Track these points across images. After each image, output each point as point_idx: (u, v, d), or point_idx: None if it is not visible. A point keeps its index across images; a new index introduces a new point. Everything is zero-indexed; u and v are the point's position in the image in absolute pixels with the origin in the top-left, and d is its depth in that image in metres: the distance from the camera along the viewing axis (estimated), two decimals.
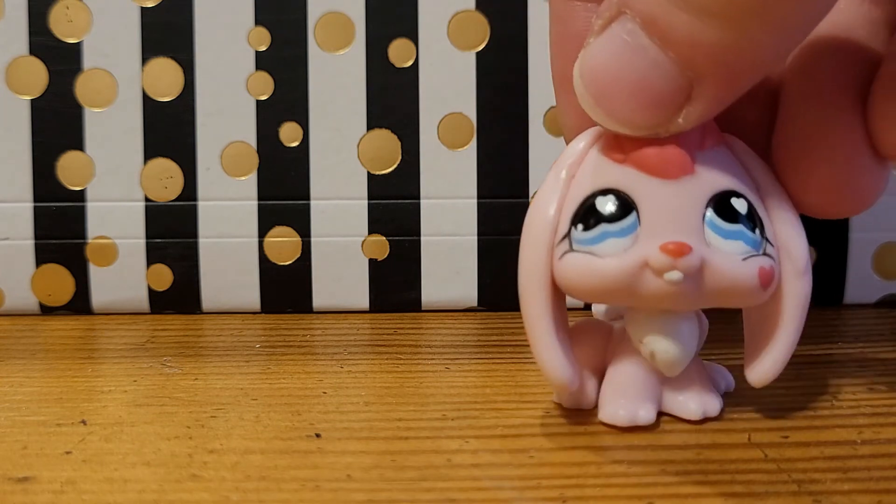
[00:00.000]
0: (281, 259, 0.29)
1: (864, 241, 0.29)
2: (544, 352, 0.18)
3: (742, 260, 0.18)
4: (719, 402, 0.20)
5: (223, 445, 0.19)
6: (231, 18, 0.28)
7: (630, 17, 0.17)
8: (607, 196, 0.18)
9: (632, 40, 0.17)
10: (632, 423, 0.19)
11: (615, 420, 0.19)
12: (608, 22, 0.17)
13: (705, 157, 0.18)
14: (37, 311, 0.29)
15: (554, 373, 0.19)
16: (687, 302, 0.18)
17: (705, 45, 0.16)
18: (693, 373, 0.20)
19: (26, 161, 0.28)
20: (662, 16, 0.16)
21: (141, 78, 0.28)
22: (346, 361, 0.24)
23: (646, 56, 0.17)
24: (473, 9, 0.28)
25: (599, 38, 0.18)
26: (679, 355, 0.19)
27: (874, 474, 0.17)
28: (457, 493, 0.16)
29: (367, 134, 0.29)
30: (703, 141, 0.18)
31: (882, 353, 0.25)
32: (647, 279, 0.18)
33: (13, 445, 0.19)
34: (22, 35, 0.28)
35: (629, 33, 0.17)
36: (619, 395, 0.20)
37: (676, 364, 0.19)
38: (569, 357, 0.19)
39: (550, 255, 0.19)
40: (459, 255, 0.29)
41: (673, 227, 0.18)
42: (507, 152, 0.29)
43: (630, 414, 0.19)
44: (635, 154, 0.18)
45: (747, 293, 0.18)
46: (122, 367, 0.24)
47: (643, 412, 0.19)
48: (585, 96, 0.18)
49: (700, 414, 0.19)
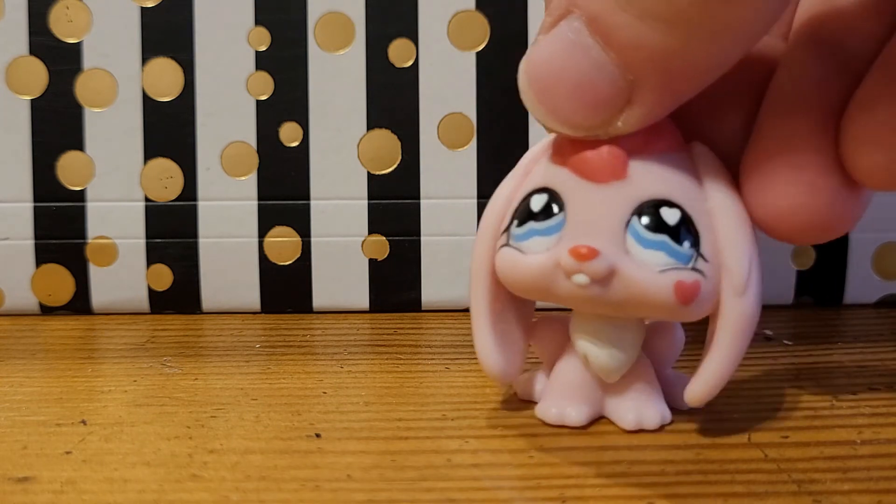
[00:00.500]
0: (281, 259, 0.29)
1: (864, 241, 0.29)
2: (479, 343, 0.19)
3: (659, 272, 0.17)
4: (661, 415, 0.19)
5: (223, 445, 0.19)
6: (231, 18, 0.28)
7: (577, 16, 0.17)
8: (541, 195, 0.18)
9: (576, 39, 0.17)
10: (560, 421, 0.19)
11: (545, 417, 0.20)
12: (557, 20, 0.17)
13: (647, 162, 0.18)
14: (37, 311, 0.29)
15: (485, 363, 0.19)
16: (597, 307, 0.18)
17: (646, 48, 0.16)
18: (638, 381, 0.19)
19: (26, 161, 0.28)
20: (606, 16, 0.16)
21: (141, 78, 0.28)
22: (346, 361, 0.24)
23: (588, 55, 0.17)
24: (473, 9, 0.28)
25: (547, 36, 0.17)
26: (611, 362, 0.19)
27: (874, 474, 0.17)
28: (457, 493, 0.16)
29: (367, 134, 0.29)
30: (647, 145, 0.18)
31: (882, 352, 0.25)
32: (561, 280, 0.18)
33: (13, 445, 0.19)
34: (22, 35, 0.28)
35: (575, 32, 0.17)
36: (555, 392, 0.20)
37: (609, 370, 0.19)
38: (505, 350, 0.19)
39: (494, 248, 0.19)
40: (459, 255, 0.29)
41: (593, 230, 0.18)
42: (507, 152, 0.29)
43: (559, 412, 0.19)
44: (570, 155, 0.18)
45: (661, 306, 0.17)
46: (122, 367, 0.24)
47: (573, 412, 0.19)
48: (528, 93, 0.18)
49: (633, 424, 0.19)
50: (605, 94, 0.17)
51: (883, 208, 0.29)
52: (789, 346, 0.25)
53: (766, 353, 0.25)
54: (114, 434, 0.19)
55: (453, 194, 0.29)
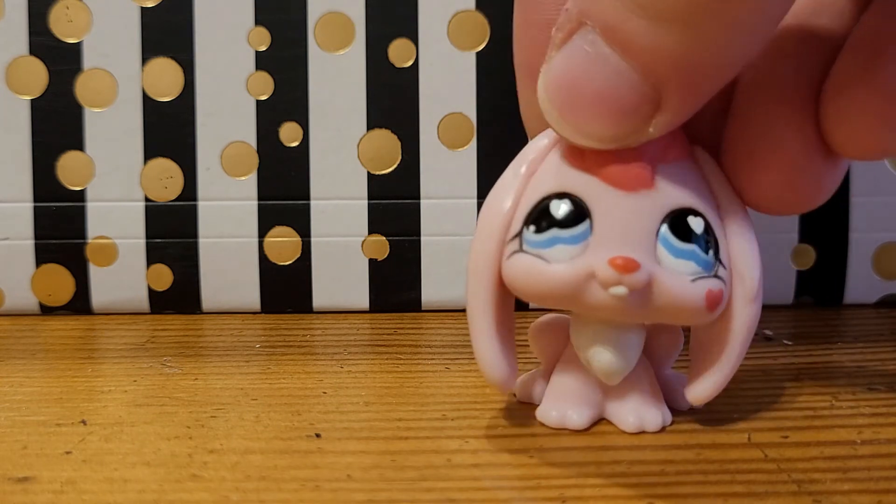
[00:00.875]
0: (281, 259, 0.29)
1: (864, 241, 0.29)
2: (481, 349, 0.18)
3: (691, 281, 0.17)
4: (662, 417, 0.19)
5: (223, 445, 0.19)
6: (231, 18, 0.28)
7: (590, 28, 0.17)
8: (562, 200, 0.18)
9: (593, 51, 0.17)
10: (561, 425, 0.19)
11: (546, 420, 0.19)
12: (569, 34, 0.17)
13: (668, 170, 0.18)
14: (37, 311, 0.29)
15: (489, 371, 0.19)
16: (630, 315, 0.18)
17: (665, 50, 0.16)
18: (639, 384, 0.19)
19: (26, 161, 0.28)
20: (621, 24, 0.16)
21: (141, 78, 0.28)
22: (346, 361, 0.24)
23: (608, 66, 0.16)
24: (473, 9, 0.28)
25: (561, 51, 0.17)
26: (615, 366, 0.19)
27: (874, 474, 0.17)
28: (457, 493, 0.16)
29: (367, 134, 0.29)
30: (666, 153, 0.18)
31: (882, 353, 0.25)
32: (593, 290, 0.17)
33: (13, 445, 0.19)
34: (22, 35, 0.28)
35: (590, 44, 0.17)
36: (556, 395, 0.20)
37: (613, 374, 0.19)
38: (507, 356, 0.19)
39: (500, 251, 0.18)
40: (459, 255, 0.29)
41: (624, 240, 0.17)
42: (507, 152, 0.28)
43: (560, 415, 0.19)
44: (595, 161, 0.18)
45: (692, 314, 0.18)
46: (122, 367, 0.24)
47: (575, 415, 0.19)
48: (551, 111, 0.17)
49: (636, 427, 0.19)
50: (630, 103, 0.17)
51: (883, 208, 0.29)
52: (789, 346, 0.25)
53: (766, 353, 0.25)
54: (114, 434, 0.19)
55: (453, 194, 0.29)
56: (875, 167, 0.29)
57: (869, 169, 0.29)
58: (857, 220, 0.29)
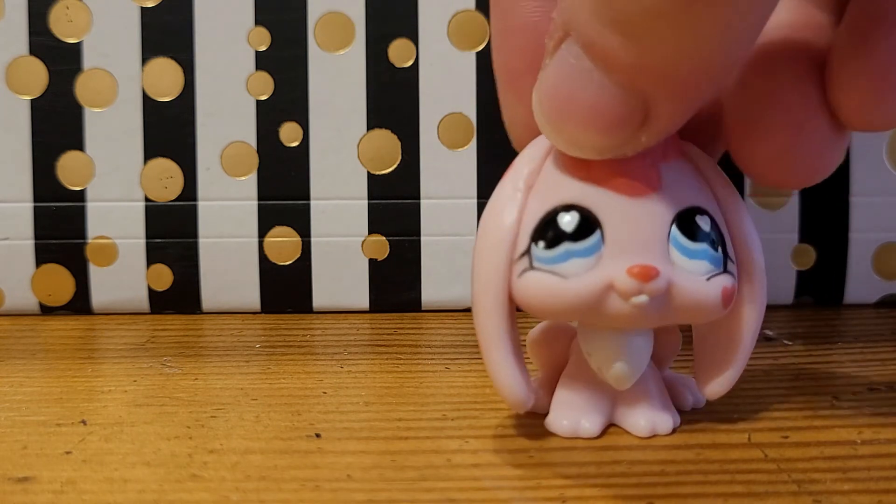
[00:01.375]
0: (281, 259, 0.29)
1: (864, 241, 0.29)
2: (501, 372, 0.18)
3: (706, 280, 0.18)
4: (672, 420, 0.19)
5: (223, 445, 0.19)
6: (231, 18, 0.28)
7: (574, 40, 0.16)
8: (570, 212, 0.17)
9: (578, 64, 0.16)
10: (573, 433, 0.19)
11: (558, 430, 0.19)
12: (558, 43, 0.17)
13: (669, 171, 0.18)
14: (37, 311, 0.29)
15: (511, 394, 0.18)
16: (649, 322, 0.18)
17: (644, 65, 0.16)
18: (647, 388, 0.19)
19: (26, 161, 0.28)
20: (598, 38, 0.16)
21: (141, 78, 0.28)
22: (346, 361, 0.24)
23: (592, 80, 0.16)
24: (473, 9, 0.28)
25: (551, 61, 0.17)
26: (627, 371, 0.19)
27: (874, 474, 0.17)
28: (457, 493, 0.16)
29: (367, 134, 0.29)
30: (665, 154, 0.18)
31: (882, 352, 0.25)
32: (612, 301, 0.17)
33: (13, 445, 0.19)
34: (22, 35, 0.28)
35: (575, 56, 0.16)
36: (566, 404, 0.19)
37: (624, 379, 0.19)
38: (524, 375, 0.18)
39: (509, 270, 0.18)
40: (459, 255, 0.29)
41: (638, 247, 0.17)
42: (507, 152, 0.28)
43: (573, 424, 0.19)
44: (599, 169, 0.17)
45: (709, 311, 0.18)
46: (122, 367, 0.24)
47: (587, 423, 0.19)
48: (545, 123, 0.17)
49: (648, 431, 0.19)
50: (618, 115, 0.16)
51: (883, 208, 0.29)
52: (789, 346, 0.25)
53: (766, 353, 0.25)
54: (114, 434, 0.19)
55: (453, 194, 0.29)
56: (875, 167, 0.29)
57: (869, 169, 0.29)
58: (857, 220, 0.29)
